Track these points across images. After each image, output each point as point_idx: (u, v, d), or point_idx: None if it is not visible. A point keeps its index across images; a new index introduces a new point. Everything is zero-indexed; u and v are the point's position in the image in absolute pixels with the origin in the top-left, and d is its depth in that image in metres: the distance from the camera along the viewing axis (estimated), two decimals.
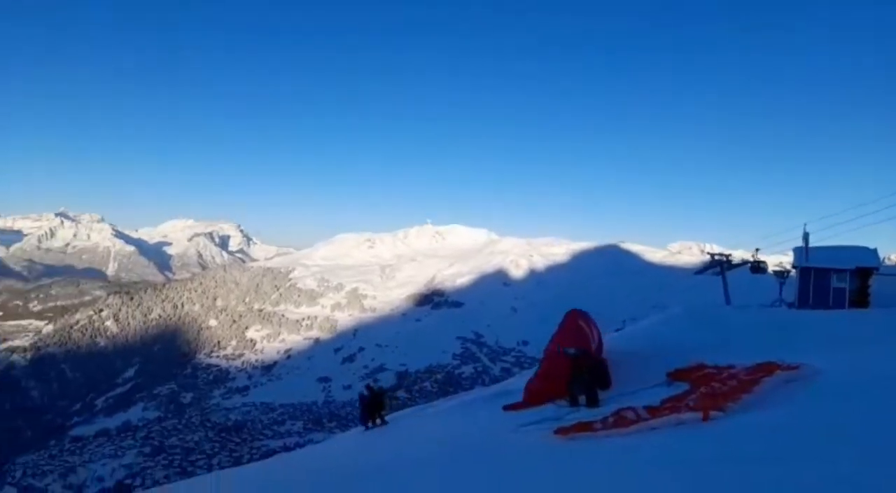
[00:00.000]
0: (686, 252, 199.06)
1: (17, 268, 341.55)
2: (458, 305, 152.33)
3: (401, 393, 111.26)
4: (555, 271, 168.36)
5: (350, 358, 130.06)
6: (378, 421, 16.83)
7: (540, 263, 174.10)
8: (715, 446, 6.48)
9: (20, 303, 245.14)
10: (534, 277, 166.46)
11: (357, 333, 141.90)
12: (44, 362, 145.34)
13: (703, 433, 7.22)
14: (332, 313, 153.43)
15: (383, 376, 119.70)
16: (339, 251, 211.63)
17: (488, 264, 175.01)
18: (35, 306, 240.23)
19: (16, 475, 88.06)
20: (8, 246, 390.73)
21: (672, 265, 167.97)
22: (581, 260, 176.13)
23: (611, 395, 11.59)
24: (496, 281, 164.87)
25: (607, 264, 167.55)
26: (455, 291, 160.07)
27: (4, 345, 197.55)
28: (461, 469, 8.33)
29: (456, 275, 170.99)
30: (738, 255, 28.80)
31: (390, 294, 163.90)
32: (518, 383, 17.61)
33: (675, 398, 9.25)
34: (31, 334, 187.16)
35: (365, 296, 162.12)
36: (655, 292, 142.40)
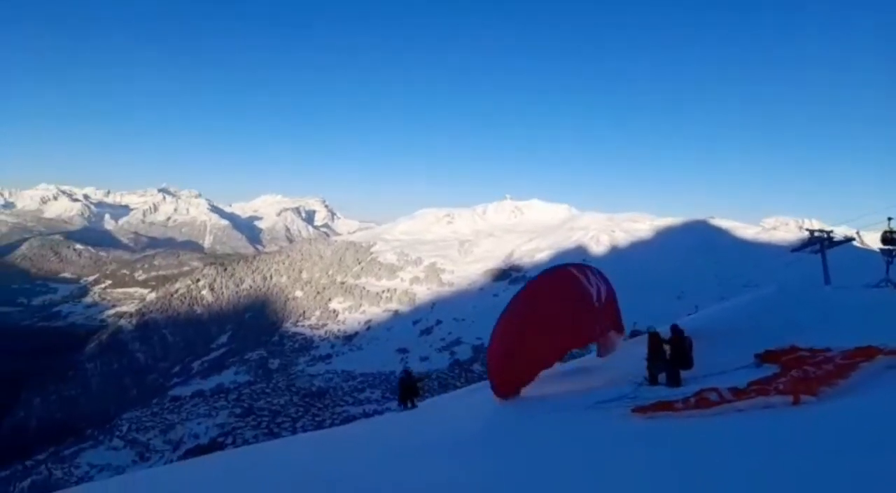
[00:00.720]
0: (782, 228, 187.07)
1: (125, 240, 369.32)
2: None
3: (476, 366, 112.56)
4: (637, 248, 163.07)
5: (427, 331, 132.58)
6: (409, 405, 17.38)
7: (622, 239, 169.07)
8: (805, 431, 6.21)
9: (127, 272, 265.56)
10: (615, 253, 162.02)
11: (435, 306, 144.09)
12: (147, 326, 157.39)
13: (793, 417, 6.92)
14: (410, 287, 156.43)
15: (460, 349, 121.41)
16: (418, 226, 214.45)
17: (567, 240, 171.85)
18: (140, 276, 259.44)
19: (122, 429, 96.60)
20: (117, 219, 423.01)
21: (766, 242, 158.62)
22: (666, 236, 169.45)
23: (693, 375, 11.26)
24: (575, 257, 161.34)
25: (694, 241, 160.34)
26: (533, 266, 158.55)
27: (113, 310, 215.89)
28: (539, 442, 8.41)
29: (534, 250, 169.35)
30: (840, 232, 26.77)
31: (468, 269, 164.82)
32: (596, 361, 17.43)
33: (764, 381, 8.86)
34: (136, 301, 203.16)
35: (443, 270, 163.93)
36: (747, 271, 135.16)
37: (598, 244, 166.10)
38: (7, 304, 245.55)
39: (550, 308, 12.75)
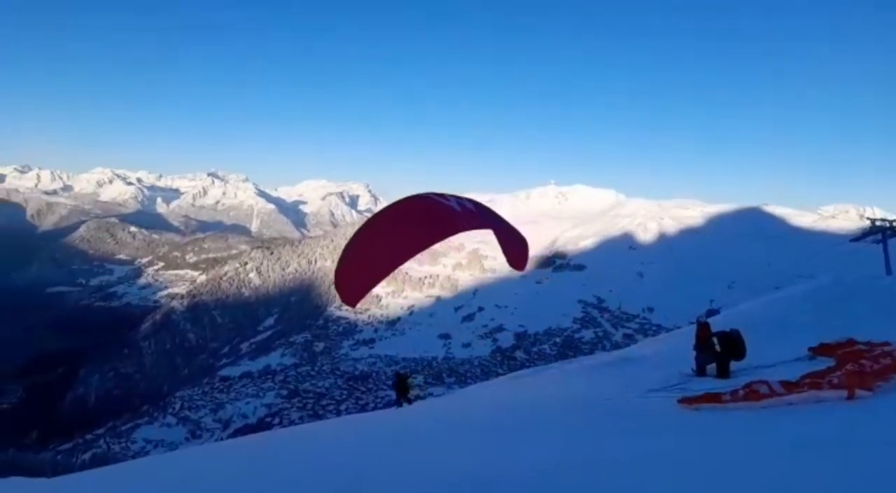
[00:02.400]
0: (841, 216, 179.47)
1: (176, 223, 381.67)
2: (580, 268, 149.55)
3: (518, 353, 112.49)
4: (687, 236, 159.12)
5: (469, 317, 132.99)
6: (403, 403, 18.64)
7: (670, 226, 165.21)
8: (859, 427, 6.04)
9: (178, 255, 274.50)
10: (663, 241, 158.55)
11: (477, 293, 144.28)
12: (198, 308, 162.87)
13: (847, 413, 6.73)
14: (453, 273, 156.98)
15: (502, 336, 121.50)
16: None
17: (613, 227, 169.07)
18: (191, 258, 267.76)
19: (175, 406, 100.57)
20: (168, 203, 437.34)
21: (823, 231, 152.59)
22: (717, 224, 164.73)
23: (743, 367, 11.02)
24: (622, 245, 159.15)
25: (747, 229, 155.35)
26: (577, 253, 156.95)
27: (166, 292, 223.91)
28: (582, 430, 8.42)
29: (579, 237, 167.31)
30: None
31: None
32: (642, 350, 17.21)
33: (817, 374, 8.61)
34: (187, 283, 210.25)
35: (485, 257, 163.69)
36: (802, 260, 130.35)
37: (646, 232, 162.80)
38: (67, 284, 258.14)
39: (388, 211, 12.07)
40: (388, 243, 11.27)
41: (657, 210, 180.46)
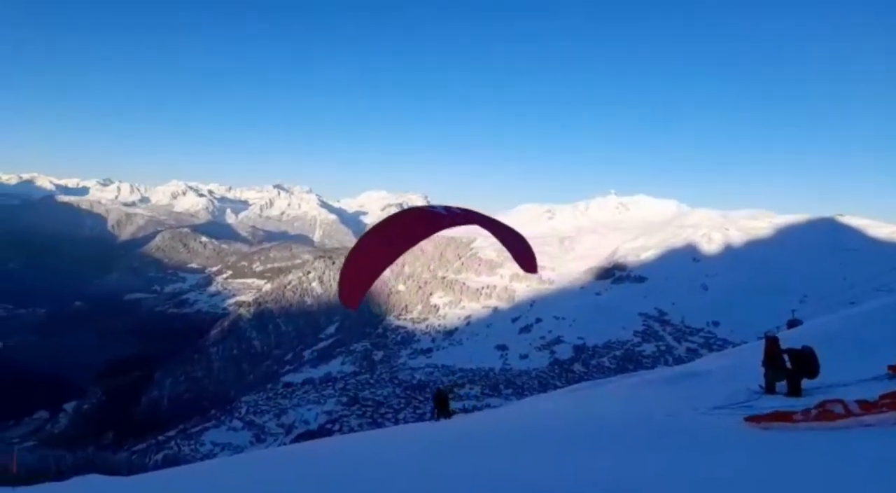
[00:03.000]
0: None
1: (244, 233, 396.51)
2: (641, 280, 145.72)
3: (576, 366, 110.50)
4: (755, 247, 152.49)
5: (527, 328, 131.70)
6: (441, 418, 18.60)
7: (737, 237, 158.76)
8: None
9: (245, 264, 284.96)
10: (729, 252, 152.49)
11: (534, 304, 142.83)
12: (263, 315, 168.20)
13: None
14: (510, 283, 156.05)
15: (560, 348, 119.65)
16: (518, 222, 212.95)
17: (676, 238, 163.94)
18: (257, 267, 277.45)
19: (241, 411, 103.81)
20: (237, 214, 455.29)
21: None
22: (788, 235, 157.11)
23: (816, 385, 10.51)
24: (685, 256, 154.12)
25: (821, 240, 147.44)
26: (638, 265, 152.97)
27: (234, 299, 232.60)
28: (643, 446, 8.25)
29: (640, 249, 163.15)
30: None
31: (569, 266, 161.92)
32: (707, 365, 16.65)
33: None
34: (253, 291, 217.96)
35: (543, 267, 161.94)
36: (880, 274, 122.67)
37: (711, 243, 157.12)
38: (144, 291, 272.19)
39: (379, 223, 12.00)
40: (376, 248, 11.57)
41: (722, 221, 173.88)
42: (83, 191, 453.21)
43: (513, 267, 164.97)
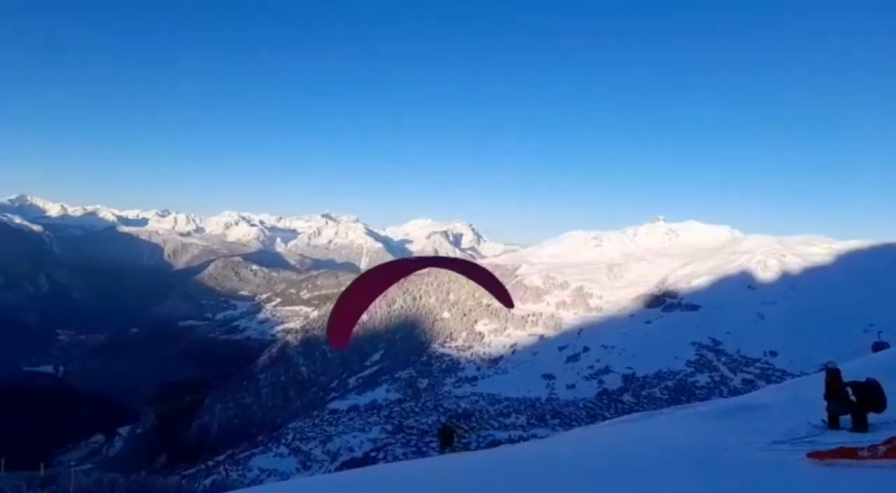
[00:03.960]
0: None
1: (293, 262, 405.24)
2: (693, 308, 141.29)
3: (626, 396, 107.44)
4: (813, 274, 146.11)
5: (574, 357, 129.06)
6: (443, 451, 19.40)
7: (794, 264, 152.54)
8: None
9: (294, 291, 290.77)
10: (786, 280, 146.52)
11: (582, 332, 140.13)
12: (310, 342, 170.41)
13: None
14: (556, 311, 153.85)
15: (608, 378, 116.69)
16: (564, 249, 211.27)
17: (730, 265, 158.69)
18: (305, 295, 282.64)
19: (288, 437, 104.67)
20: (286, 242, 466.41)
21: None
22: (849, 261, 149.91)
23: (883, 420, 9.95)
24: (739, 284, 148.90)
25: (885, 267, 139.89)
26: (690, 293, 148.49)
27: (282, 327, 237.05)
28: (698, 483, 7.95)
29: (691, 276, 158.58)
30: None
31: (617, 294, 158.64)
32: (764, 398, 15.97)
33: None
34: (301, 318, 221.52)
35: (590, 295, 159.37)
36: None
37: (766, 270, 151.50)
38: (197, 318, 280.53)
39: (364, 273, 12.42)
40: (356, 294, 12.12)
41: (778, 247, 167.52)
42: (143, 222, 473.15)
43: (559, 295, 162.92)
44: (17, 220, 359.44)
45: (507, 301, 13.23)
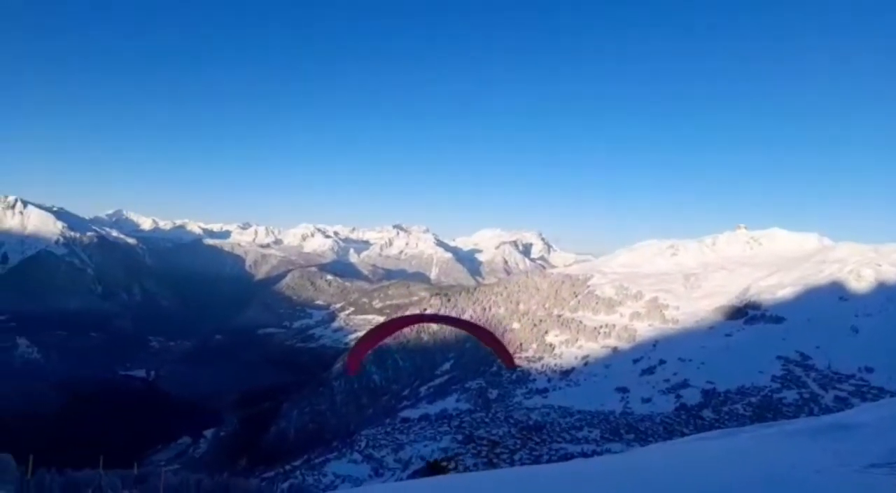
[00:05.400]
0: None
1: (365, 272, 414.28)
2: (778, 320, 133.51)
3: (706, 412, 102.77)
4: None
5: (649, 370, 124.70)
6: None
7: (891, 274, 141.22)
8: None
9: (366, 301, 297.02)
10: (882, 291, 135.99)
11: (657, 344, 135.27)
12: (382, 351, 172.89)
13: None
14: (630, 323, 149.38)
15: (686, 392, 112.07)
16: (638, 259, 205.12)
17: (819, 275, 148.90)
18: (377, 304, 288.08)
19: (361, 444, 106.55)
20: (359, 253, 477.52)
21: None
22: None
23: None
24: (829, 295, 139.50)
25: None
26: (774, 304, 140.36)
27: (355, 335, 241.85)
28: None
29: (776, 286, 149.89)
30: None
31: (695, 305, 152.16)
32: (860, 416, 14.94)
33: None
34: (373, 327, 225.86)
35: (666, 306, 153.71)
36: None
37: (860, 280, 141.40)
38: (275, 326, 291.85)
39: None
40: (372, 334, 14.46)
41: (873, 256, 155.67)
42: (226, 234, 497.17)
43: (633, 306, 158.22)
44: (115, 233, 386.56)
45: (510, 362, 15.65)
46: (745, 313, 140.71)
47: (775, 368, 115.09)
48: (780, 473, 10.12)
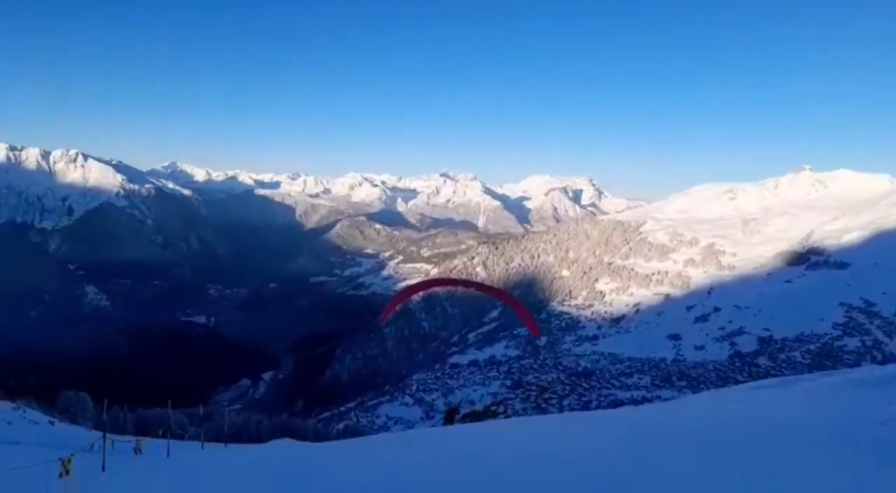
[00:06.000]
0: None
1: (413, 220, 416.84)
2: (842, 266, 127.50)
3: (761, 360, 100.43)
4: None
5: (703, 318, 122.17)
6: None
7: None
8: None
9: (415, 249, 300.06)
10: None
11: (712, 291, 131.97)
12: (431, 298, 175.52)
13: None
14: (684, 269, 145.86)
15: (741, 339, 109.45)
16: (693, 204, 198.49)
17: (888, 219, 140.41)
18: (425, 253, 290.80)
19: (412, 388, 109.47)
20: (407, 202, 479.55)
21: None
22: None
23: None
24: None
25: None
26: (839, 249, 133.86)
27: (404, 283, 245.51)
28: (848, 458, 6.97)
29: (841, 231, 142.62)
30: None
31: (753, 251, 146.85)
32: None
33: None
34: (421, 275, 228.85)
35: (723, 252, 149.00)
36: None
37: None
38: (326, 274, 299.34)
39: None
40: (408, 288, 18.60)
41: None
42: (276, 185, 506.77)
43: (687, 252, 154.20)
44: (171, 185, 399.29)
45: (534, 329, 16.69)
46: (808, 259, 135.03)
47: (837, 315, 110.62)
48: (843, 424, 9.43)
